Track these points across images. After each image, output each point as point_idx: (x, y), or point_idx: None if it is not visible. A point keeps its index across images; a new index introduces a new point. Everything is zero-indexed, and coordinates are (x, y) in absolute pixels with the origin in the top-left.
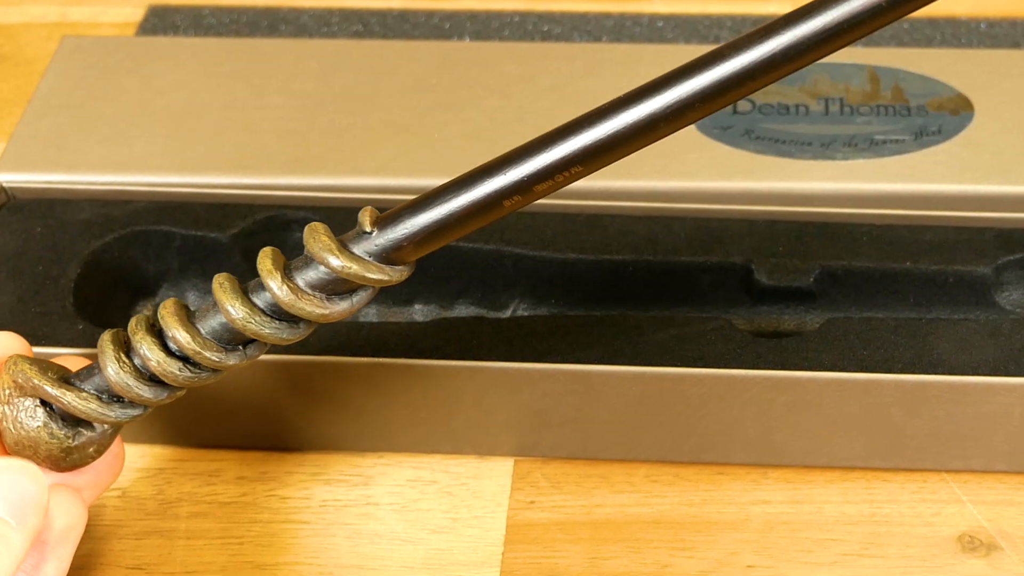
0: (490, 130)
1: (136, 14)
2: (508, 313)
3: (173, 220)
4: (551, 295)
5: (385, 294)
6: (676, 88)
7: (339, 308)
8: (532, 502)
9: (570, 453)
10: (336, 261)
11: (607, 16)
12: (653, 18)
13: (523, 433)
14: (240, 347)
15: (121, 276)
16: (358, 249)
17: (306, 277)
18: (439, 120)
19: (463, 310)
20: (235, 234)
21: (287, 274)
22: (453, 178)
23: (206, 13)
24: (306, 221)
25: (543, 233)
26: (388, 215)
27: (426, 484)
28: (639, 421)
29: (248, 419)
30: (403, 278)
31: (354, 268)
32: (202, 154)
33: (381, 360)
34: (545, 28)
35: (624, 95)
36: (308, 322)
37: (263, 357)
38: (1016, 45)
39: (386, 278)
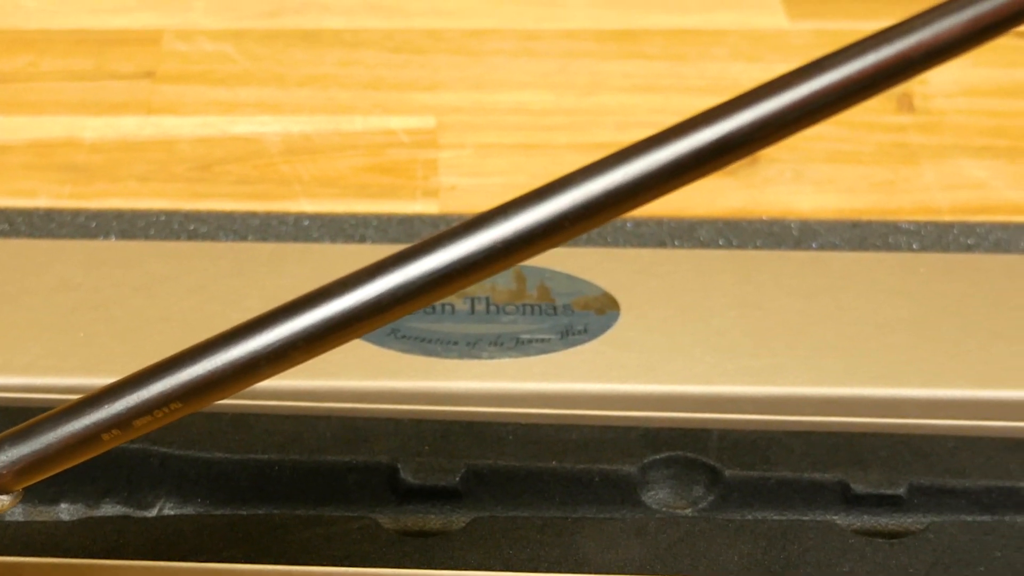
0: (135, 329)
1: None
2: (155, 512)
3: None
4: (197, 494)
5: (31, 493)
6: (281, 326)
7: None
8: None
9: None
10: None
11: (253, 215)
12: (299, 217)
13: None
14: None
15: None
16: None
17: None
18: (84, 319)
19: (109, 509)
20: None
21: None
22: (59, 407)
23: None
24: None
25: (189, 432)
26: None
27: None
28: None
29: None
30: (6, 508)
31: None
32: None
33: (26, 559)
34: (191, 227)
35: (227, 331)
36: None
37: None
38: (662, 244)
39: None
